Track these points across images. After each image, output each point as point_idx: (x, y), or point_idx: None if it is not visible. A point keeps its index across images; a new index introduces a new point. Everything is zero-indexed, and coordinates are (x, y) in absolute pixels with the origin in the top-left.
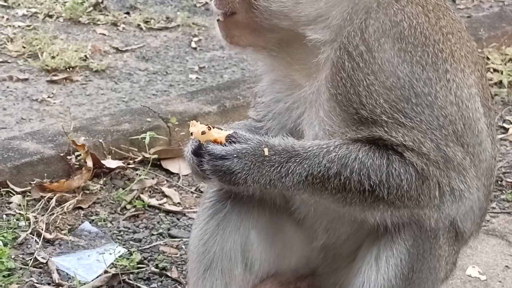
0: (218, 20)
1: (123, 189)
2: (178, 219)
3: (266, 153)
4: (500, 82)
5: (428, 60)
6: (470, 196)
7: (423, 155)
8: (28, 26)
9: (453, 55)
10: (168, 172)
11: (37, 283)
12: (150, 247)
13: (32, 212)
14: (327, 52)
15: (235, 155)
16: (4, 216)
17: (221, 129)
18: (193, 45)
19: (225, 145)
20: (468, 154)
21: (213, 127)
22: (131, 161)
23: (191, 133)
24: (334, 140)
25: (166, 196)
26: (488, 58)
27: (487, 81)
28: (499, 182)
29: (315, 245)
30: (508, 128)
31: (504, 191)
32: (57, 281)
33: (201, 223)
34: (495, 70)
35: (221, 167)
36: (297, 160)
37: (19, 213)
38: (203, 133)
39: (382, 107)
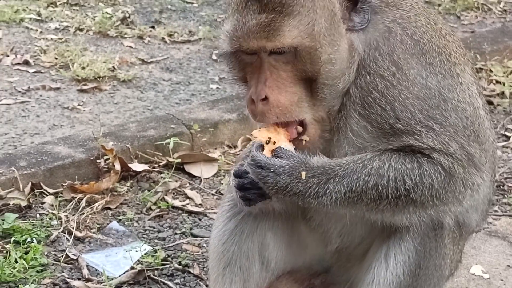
0: (300, 143)
1: (149, 191)
2: (200, 219)
3: (303, 176)
4: (502, 93)
5: (445, 67)
6: (485, 189)
7: (450, 154)
8: (60, 39)
9: (456, 56)
10: (190, 175)
11: (68, 278)
12: (173, 245)
13: (63, 212)
14: (351, 80)
15: (271, 170)
16: (38, 215)
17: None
18: (214, 57)
19: (272, 156)
20: (483, 151)
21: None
22: (156, 165)
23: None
24: (366, 154)
25: (188, 197)
26: (491, 71)
27: (474, 71)
28: (501, 187)
29: (330, 249)
30: (510, 136)
31: (506, 195)
32: (86, 277)
33: (220, 224)
34: (497, 81)
35: (257, 174)
36: (336, 180)
37: (52, 213)
38: (267, 142)
39: (417, 117)
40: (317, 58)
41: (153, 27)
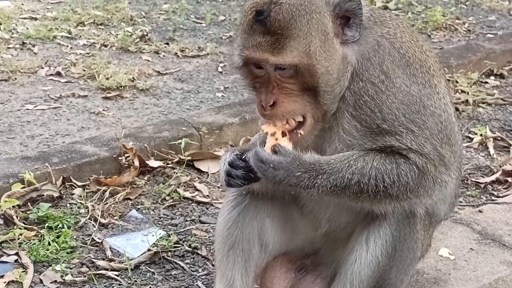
0: (295, 135)
1: (163, 184)
2: (207, 208)
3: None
4: (466, 101)
5: (425, 78)
6: (452, 185)
7: (424, 155)
8: (88, 53)
9: (434, 69)
10: (199, 170)
11: (93, 258)
12: (184, 230)
13: (90, 202)
14: (346, 86)
15: (271, 165)
16: (68, 205)
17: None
18: (219, 69)
19: (272, 152)
20: (452, 152)
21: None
22: (170, 162)
23: (266, 132)
24: (351, 153)
25: (197, 190)
26: (457, 82)
27: (448, 84)
28: (465, 181)
29: (319, 232)
30: (473, 138)
31: (469, 188)
32: (109, 257)
33: (225, 212)
34: (462, 91)
35: (259, 167)
36: (324, 177)
37: (80, 203)
38: (272, 134)
39: (400, 120)
40: (315, 72)
41: (167, 43)
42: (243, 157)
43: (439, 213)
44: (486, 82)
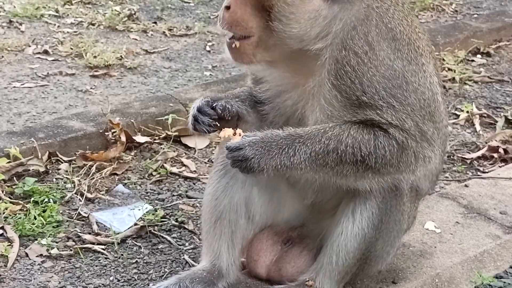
0: (231, 44)
1: (150, 159)
2: (194, 184)
3: None
4: (453, 78)
5: (412, 56)
6: (435, 161)
7: (405, 130)
8: (75, 32)
9: (423, 50)
10: (186, 146)
11: (80, 232)
12: (171, 205)
13: (76, 177)
14: (329, 53)
15: (247, 145)
16: (54, 179)
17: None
18: (208, 48)
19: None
20: (436, 129)
21: (240, 134)
22: (157, 137)
23: (220, 137)
24: (329, 123)
25: (184, 165)
26: (443, 59)
27: (438, 67)
28: (451, 157)
29: (305, 203)
30: (459, 115)
31: (455, 164)
32: (96, 231)
33: (214, 182)
34: (449, 69)
35: (238, 156)
36: (301, 141)
37: (66, 177)
38: (234, 134)
39: (380, 93)
40: None
41: (155, 22)
42: (214, 104)
43: (423, 188)
44: (473, 60)
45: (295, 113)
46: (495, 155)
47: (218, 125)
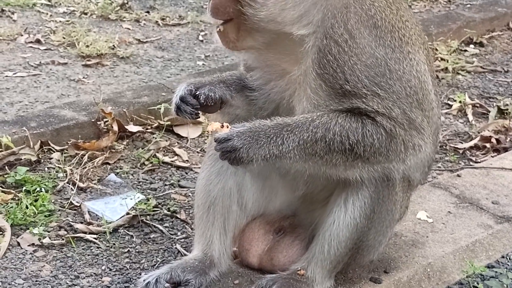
0: (218, 31)
1: (142, 148)
2: (186, 173)
3: None
4: (446, 68)
5: (396, 43)
6: (427, 150)
7: (392, 118)
8: (67, 21)
9: (411, 38)
10: (178, 135)
11: (72, 221)
12: (163, 194)
13: (68, 166)
14: (312, 42)
15: (235, 135)
16: (46, 169)
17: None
18: (200, 38)
19: None
20: (425, 117)
21: (227, 127)
22: (149, 127)
23: (209, 131)
24: (317, 112)
25: (177, 154)
26: (436, 49)
27: (431, 58)
28: (443, 147)
29: (297, 194)
30: (452, 105)
31: (447, 154)
32: (88, 221)
33: (207, 167)
34: (442, 59)
35: (226, 147)
36: (289, 129)
37: (58, 167)
38: (222, 126)
39: (363, 82)
40: None
41: (148, 12)
42: (197, 93)
43: (415, 177)
44: (466, 50)
45: (283, 100)
46: (488, 145)
47: (200, 113)
